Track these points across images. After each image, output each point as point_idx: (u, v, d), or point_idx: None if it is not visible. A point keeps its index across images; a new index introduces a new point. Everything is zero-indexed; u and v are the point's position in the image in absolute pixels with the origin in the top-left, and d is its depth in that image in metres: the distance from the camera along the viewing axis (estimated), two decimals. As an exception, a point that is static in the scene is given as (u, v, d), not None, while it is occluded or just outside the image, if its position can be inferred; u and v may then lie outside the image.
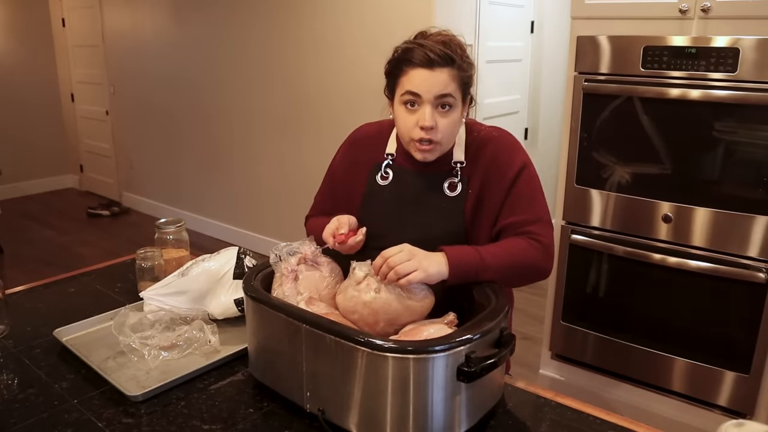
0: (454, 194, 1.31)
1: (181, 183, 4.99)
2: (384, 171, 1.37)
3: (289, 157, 4.05)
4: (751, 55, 1.87)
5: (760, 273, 1.96)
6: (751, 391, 2.05)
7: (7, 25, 5.62)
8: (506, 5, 3.69)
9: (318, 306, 1.16)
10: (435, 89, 1.21)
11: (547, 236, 1.29)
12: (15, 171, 5.65)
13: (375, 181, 1.38)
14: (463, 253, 1.19)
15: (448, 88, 1.22)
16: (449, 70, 1.22)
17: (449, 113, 1.24)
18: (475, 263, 1.18)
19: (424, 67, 1.22)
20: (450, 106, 1.24)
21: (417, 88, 1.22)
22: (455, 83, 1.23)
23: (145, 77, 5.04)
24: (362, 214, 1.36)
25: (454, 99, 1.24)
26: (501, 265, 1.21)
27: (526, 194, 1.30)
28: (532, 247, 1.26)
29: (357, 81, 3.52)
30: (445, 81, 1.21)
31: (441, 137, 1.25)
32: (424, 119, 1.22)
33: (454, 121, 1.26)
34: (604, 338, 2.34)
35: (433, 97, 1.22)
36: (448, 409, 1.00)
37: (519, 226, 1.28)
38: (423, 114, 1.23)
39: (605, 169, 2.23)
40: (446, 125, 1.24)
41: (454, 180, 1.31)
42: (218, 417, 1.12)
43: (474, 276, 1.19)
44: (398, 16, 3.26)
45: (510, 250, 1.24)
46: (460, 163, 1.32)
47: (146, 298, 1.42)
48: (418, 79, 1.22)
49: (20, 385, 1.22)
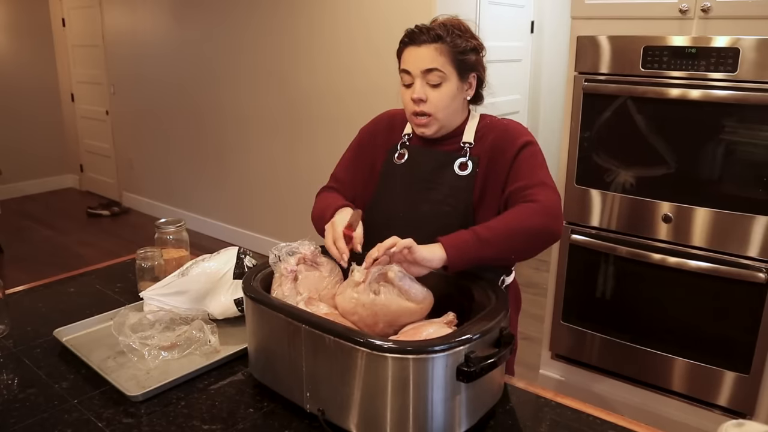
0: (464, 173, 1.35)
1: (181, 183, 4.99)
2: (400, 150, 1.43)
3: (289, 157, 4.05)
4: (751, 55, 1.87)
5: (760, 273, 1.96)
6: (751, 391, 2.05)
7: (7, 25, 5.62)
8: (506, 5, 3.69)
9: (318, 306, 1.16)
10: (420, 63, 1.29)
11: (548, 197, 1.26)
12: (15, 171, 5.65)
13: (391, 161, 1.43)
14: (457, 235, 1.19)
15: (435, 63, 1.29)
16: (437, 45, 1.29)
17: (440, 87, 1.31)
18: (471, 240, 1.17)
19: (412, 44, 1.31)
20: (440, 81, 1.30)
21: (406, 65, 1.32)
22: (444, 57, 1.29)
23: (146, 77, 5.04)
24: (378, 191, 1.43)
25: (443, 73, 1.30)
26: (499, 235, 1.19)
27: (527, 164, 1.32)
28: (530, 209, 1.24)
29: (359, 81, 3.52)
30: (431, 56, 1.29)
31: (434, 110, 1.32)
32: (413, 92, 1.31)
33: (447, 94, 1.31)
34: (604, 338, 2.34)
35: (420, 71, 1.30)
36: (448, 409, 1.00)
37: (520, 191, 1.28)
38: (414, 88, 1.31)
39: (605, 169, 2.23)
40: (437, 98, 1.31)
41: (463, 160, 1.35)
42: (218, 417, 1.12)
43: (475, 254, 1.17)
44: (397, 16, 3.26)
45: (506, 219, 1.23)
46: (468, 144, 1.36)
47: (146, 298, 1.42)
48: (408, 56, 1.32)
49: (20, 385, 1.22)
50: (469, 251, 1.17)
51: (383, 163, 1.45)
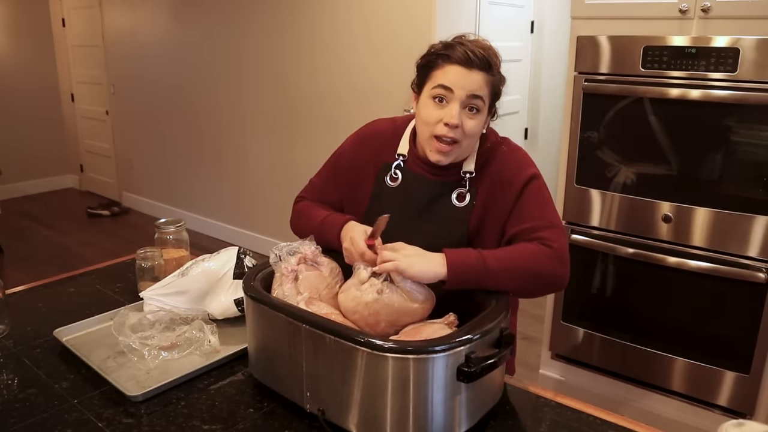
0: (461, 205, 1.30)
1: (181, 183, 4.99)
2: (393, 172, 1.36)
3: (289, 157, 4.05)
4: (751, 55, 1.87)
5: (760, 273, 1.96)
6: (751, 391, 2.05)
7: (7, 25, 5.61)
8: (506, 5, 3.69)
9: (318, 306, 1.16)
10: (469, 88, 1.21)
11: (560, 242, 1.22)
12: (15, 171, 5.64)
13: (384, 182, 1.36)
14: (463, 256, 1.16)
15: (481, 91, 1.22)
16: (485, 75, 1.22)
17: (476, 116, 1.24)
18: (476, 265, 1.15)
19: (461, 65, 1.22)
20: (478, 110, 1.24)
21: (451, 83, 1.22)
22: (487, 88, 1.23)
23: (146, 77, 5.04)
24: (368, 213, 1.35)
25: (483, 104, 1.24)
26: (505, 269, 1.16)
27: (536, 202, 1.27)
28: (542, 252, 1.20)
29: (359, 82, 3.52)
30: (480, 83, 1.22)
31: (463, 138, 1.24)
32: (451, 116, 1.22)
33: (479, 126, 1.25)
34: (604, 338, 2.34)
35: (465, 95, 1.22)
36: (448, 409, 1.00)
37: (529, 233, 1.23)
38: (451, 110, 1.22)
39: (605, 169, 2.23)
40: (471, 127, 1.24)
41: (462, 190, 1.30)
42: (218, 417, 1.12)
43: (475, 280, 1.15)
44: (398, 16, 3.26)
45: (517, 255, 1.19)
46: (469, 173, 1.31)
47: (146, 298, 1.42)
48: (454, 75, 1.22)
49: (20, 385, 1.21)
50: (470, 276, 1.15)
51: (374, 184, 1.37)
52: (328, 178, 1.48)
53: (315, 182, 1.51)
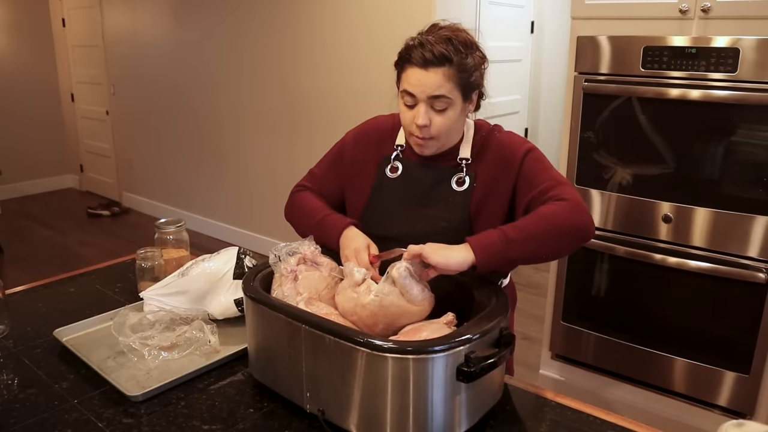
0: (461, 189, 1.33)
1: (181, 183, 4.99)
2: (393, 163, 1.40)
3: (289, 157, 4.05)
4: (751, 55, 1.87)
5: (760, 273, 1.96)
6: (751, 391, 2.05)
7: (7, 25, 5.62)
8: (506, 5, 3.69)
9: (318, 306, 1.16)
10: (428, 90, 1.24)
11: (572, 193, 1.24)
12: (15, 171, 5.65)
13: (384, 174, 1.40)
14: (485, 236, 1.18)
15: (441, 90, 1.24)
16: (444, 70, 1.23)
17: (445, 112, 1.27)
18: (499, 240, 1.17)
19: (419, 66, 1.24)
20: (446, 106, 1.26)
21: (412, 88, 1.26)
22: (451, 83, 1.24)
23: (146, 77, 5.04)
24: (371, 205, 1.39)
25: (449, 99, 1.25)
26: (529, 236, 1.18)
27: (539, 167, 1.30)
28: (558, 207, 1.21)
29: (358, 81, 3.52)
30: (439, 82, 1.23)
31: (436, 134, 1.28)
32: (418, 117, 1.26)
33: (451, 118, 1.28)
34: (604, 338, 2.34)
35: (426, 97, 1.25)
36: (448, 409, 1.00)
37: (541, 195, 1.25)
38: (417, 112, 1.26)
39: (605, 169, 2.23)
40: (441, 123, 1.27)
41: (461, 175, 1.33)
42: (218, 417, 1.12)
43: (503, 254, 1.16)
44: (398, 16, 3.26)
45: (535, 219, 1.21)
46: (465, 160, 1.34)
47: (146, 298, 1.42)
48: (413, 79, 1.25)
49: (20, 385, 1.22)
50: (497, 252, 1.16)
51: (375, 177, 1.41)
52: (329, 169, 1.50)
53: (315, 172, 1.53)
